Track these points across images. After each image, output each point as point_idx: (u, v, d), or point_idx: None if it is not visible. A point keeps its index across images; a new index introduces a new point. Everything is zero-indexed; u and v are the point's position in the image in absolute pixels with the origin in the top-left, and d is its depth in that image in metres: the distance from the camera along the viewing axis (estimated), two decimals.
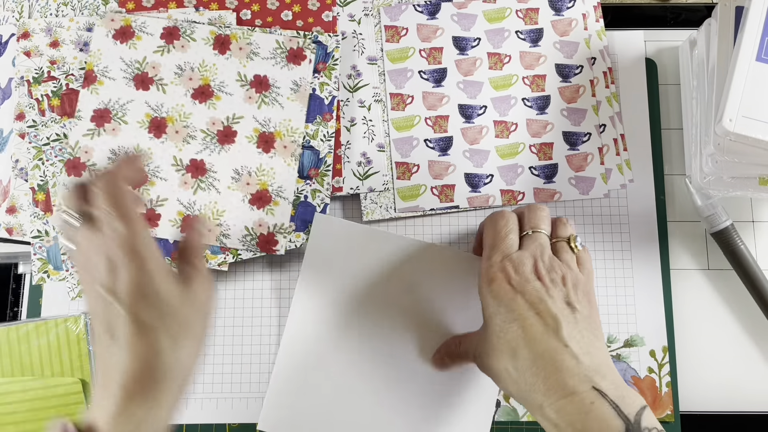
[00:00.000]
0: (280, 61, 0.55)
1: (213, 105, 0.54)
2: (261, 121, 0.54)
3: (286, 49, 0.55)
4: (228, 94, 0.54)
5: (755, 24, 0.46)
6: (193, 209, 0.52)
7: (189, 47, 0.54)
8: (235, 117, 0.54)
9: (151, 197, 0.52)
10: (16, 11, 0.57)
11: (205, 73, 0.54)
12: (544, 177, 0.55)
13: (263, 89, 0.54)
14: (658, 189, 0.56)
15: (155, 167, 0.53)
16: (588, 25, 0.58)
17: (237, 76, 0.55)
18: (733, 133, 0.44)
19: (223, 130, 0.54)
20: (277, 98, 0.54)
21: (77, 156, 0.52)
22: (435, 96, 0.57)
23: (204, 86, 0.54)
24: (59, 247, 0.52)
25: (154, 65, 0.54)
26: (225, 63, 0.55)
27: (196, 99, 0.54)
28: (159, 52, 0.54)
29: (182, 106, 0.54)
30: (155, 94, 0.54)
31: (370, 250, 0.45)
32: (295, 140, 0.54)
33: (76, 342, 0.52)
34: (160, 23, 0.55)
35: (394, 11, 0.58)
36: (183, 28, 0.54)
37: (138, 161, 0.39)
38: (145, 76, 0.54)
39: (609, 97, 0.57)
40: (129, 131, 0.53)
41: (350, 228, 0.45)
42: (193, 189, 0.53)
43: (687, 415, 0.52)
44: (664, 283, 0.54)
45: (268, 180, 0.53)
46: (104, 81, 0.54)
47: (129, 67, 0.54)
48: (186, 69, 0.54)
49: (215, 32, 0.55)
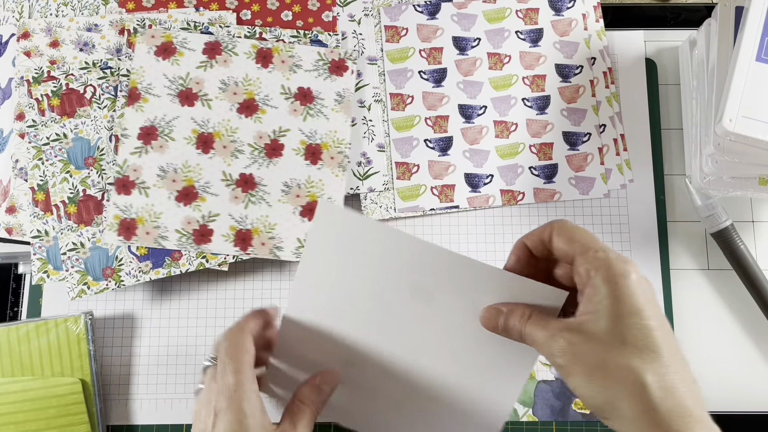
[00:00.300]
0: (323, 72, 0.55)
1: (259, 119, 0.54)
2: (307, 133, 0.54)
3: (328, 60, 0.55)
4: (273, 107, 0.54)
5: (755, 24, 0.46)
6: (245, 223, 0.52)
7: (231, 62, 0.54)
8: (281, 130, 0.54)
9: (203, 213, 0.52)
10: (16, 11, 0.57)
11: (249, 87, 0.54)
12: (544, 177, 0.56)
13: (307, 101, 0.54)
14: (658, 189, 0.56)
15: (205, 183, 0.53)
16: (588, 25, 0.58)
17: (281, 89, 0.55)
18: (733, 133, 0.44)
19: (270, 144, 0.54)
20: (322, 110, 0.54)
21: (126, 174, 0.52)
22: (435, 96, 0.57)
23: (249, 100, 0.54)
24: (59, 247, 0.52)
25: (197, 81, 0.54)
26: (268, 76, 0.55)
27: (241, 113, 0.54)
28: (202, 67, 0.54)
29: (228, 121, 0.54)
30: (201, 110, 0.54)
31: (380, 246, 0.41)
32: (342, 151, 0.54)
33: (76, 342, 0.52)
34: (201, 38, 0.55)
35: (394, 11, 0.58)
36: (225, 43, 0.54)
37: (267, 316, 0.41)
38: (190, 92, 0.54)
39: (609, 97, 0.57)
40: (176, 148, 0.53)
41: (361, 222, 0.39)
42: (244, 203, 0.53)
43: None
44: (664, 283, 0.54)
45: (318, 191, 0.53)
46: (149, 98, 0.54)
47: (173, 83, 0.54)
48: (230, 84, 0.54)
49: (257, 46, 0.55)
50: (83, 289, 0.51)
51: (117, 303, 0.54)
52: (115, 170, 0.52)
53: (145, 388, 0.53)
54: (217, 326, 0.54)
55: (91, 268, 0.52)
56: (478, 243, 0.55)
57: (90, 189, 0.53)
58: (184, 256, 0.52)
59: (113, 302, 0.54)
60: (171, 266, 0.52)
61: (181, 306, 0.54)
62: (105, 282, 0.51)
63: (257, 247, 0.52)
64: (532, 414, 0.52)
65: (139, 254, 0.52)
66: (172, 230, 0.52)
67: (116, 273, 0.52)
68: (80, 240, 0.52)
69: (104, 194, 0.53)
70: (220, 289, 0.54)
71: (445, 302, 0.39)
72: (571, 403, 0.52)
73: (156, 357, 0.53)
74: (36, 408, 0.50)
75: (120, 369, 0.53)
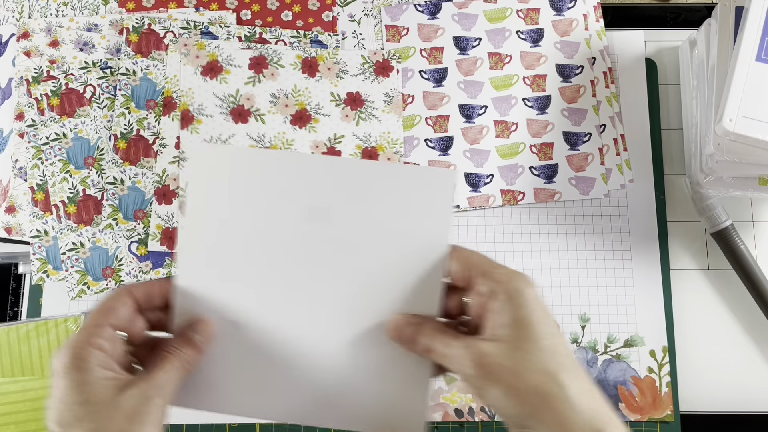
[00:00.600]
0: (369, 75, 0.55)
1: (313, 128, 0.54)
2: (361, 137, 0.54)
3: (372, 62, 0.56)
4: (325, 115, 0.54)
5: (755, 24, 0.46)
6: None
7: (279, 74, 0.55)
8: (336, 137, 0.54)
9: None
10: (16, 11, 0.57)
11: (299, 98, 0.55)
12: (545, 177, 0.56)
13: (358, 106, 0.55)
14: (658, 189, 0.56)
15: None
16: (588, 25, 0.58)
17: (330, 96, 0.55)
18: (733, 133, 0.44)
19: (327, 152, 0.54)
20: (373, 112, 0.55)
21: (167, 184, 0.53)
22: (435, 96, 0.57)
23: (301, 111, 0.54)
24: (59, 247, 0.52)
25: (248, 97, 0.54)
26: (316, 85, 0.55)
27: (295, 125, 0.54)
28: (250, 83, 0.55)
29: (283, 134, 0.54)
30: (255, 125, 0.54)
31: (263, 177, 0.34)
32: (398, 151, 0.54)
33: None
34: (245, 54, 0.55)
35: (394, 11, 0.58)
36: (269, 57, 0.54)
37: (137, 293, 0.35)
38: (242, 109, 0.54)
39: (609, 97, 0.57)
40: None
41: (238, 154, 0.36)
42: None
43: (687, 415, 0.52)
44: (664, 283, 0.54)
45: None
46: (202, 119, 0.54)
47: (224, 102, 0.54)
48: (280, 96, 0.55)
49: (301, 56, 0.55)
50: (83, 289, 0.51)
51: None
52: (154, 180, 0.52)
53: None
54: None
55: (91, 268, 0.51)
56: (478, 243, 0.55)
57: (90, 189, 0.53)
58: None
59: None
60: (171, 266, 0.52)
61: None
62: (105, 282, 0.51)
63: None
64: None
65: (139, 254, 0.52)
66: None
67: (116, 273, 0.51)
68: (80, 240, 0.52)
69: (104, 194, 0.53)
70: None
71: (344, 215, 0.37)
72: None
73: None
74: (36, 408, 0.50)
75: None
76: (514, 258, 0.55)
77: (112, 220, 0.52)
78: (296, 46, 0.56)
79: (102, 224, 0.52)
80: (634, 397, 0.52)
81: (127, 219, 0.52)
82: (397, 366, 0.37)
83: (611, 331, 0.53)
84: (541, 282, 0.54)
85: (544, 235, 0.55)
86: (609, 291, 0.54)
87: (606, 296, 0.54)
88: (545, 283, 0.54)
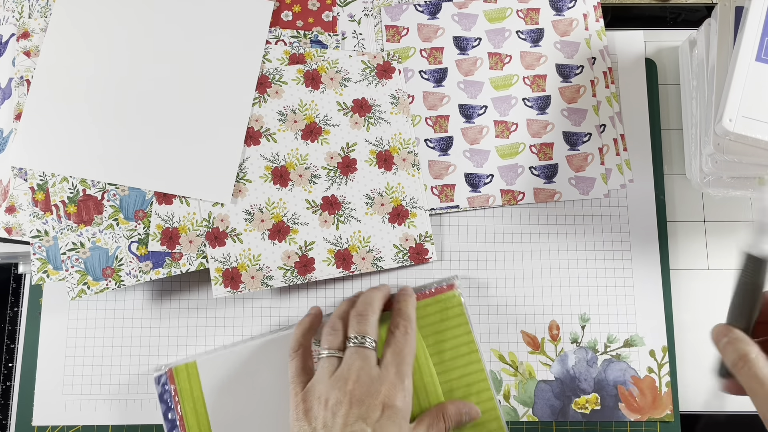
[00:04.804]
0: (372, 79, 0.55)
1: (325, 140, 0.54)
2: (374, 142, 0.54)
3: (373, 66, 0.56)
4: (335, 125, 0.54)
5: (755, 24, 0.46)
6: (341, 244, 0.53)
7: (283, 92, 0.55)
8: (349, 146, 0.54)
9: (299, 244, 0.53)
10: (16, 11, 0.57)
11: (306, 112, 0.54)
12: (545, 177, 0.56)
13: (366, 111, 0.55)
14: (658, 189, 0.56)
15: (293, 215, 0.53)
16: (588, 25, 0.58)
17: (337, 106, 0.55)
18: (733, 133, 0.44)
19: (342, 161, 0.54)
20: (382, 116, 0.55)
21: (215, 226, 0.52)
22: (435, 96, 0.57)
23: (310, 125, 0.54)
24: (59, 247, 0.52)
25: (256, 118, 0.54)
26: (321, 97, 0.55)
27: (306, 139, 0.54)
28: (256, 103, 0.54)
29: (297, 150, 0.54)
30: (267, 145, 0.54)
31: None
32: (411, 150, 0.55)
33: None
34: None
35: (394, 11, 0.58)
36: (271, 75, 0.54)
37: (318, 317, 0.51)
38: (252, 131, 0.54)
39: (609, 97, 0.57)
40: (255, 188, 0.53)
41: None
42: (334, 225, 0.53)
43: (687, 415, 0.52)
44: (664, 283, 0.54)
45: (399, 195, 0.54)
46: None
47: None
48: (287, 113, 0.54)
49: (302, 70, 0.55)
50: (83, 289, 0.51)
51: (117, 303, 0.54)
52: (204, 225, 0.52)
53: (146, 388, 0.53)
54: (216, 325, 0.54)
55: (91, 268, 0.52)
56: (478, 243, 0.55)
57: (90, 189, 0.53)
58: (184, 256, 0.52)
59: (113, 302, 0.54)
60: (171, 266, 0.52)
61: (181, 306, 0.54)
62: (105, 282, 0.51)
63: (359, 263, 0.53)
64: (532, 414, 0.52)
65: (139, 254, 0.52)
66: (275, 268, 0.52)
67: (116, 273, 0.52)
68: (80, 240, 0.52)
69: (104, 194, 0.53)
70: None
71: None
72: (570, 403, 0.52)
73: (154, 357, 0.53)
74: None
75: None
76: (514, 258, 0.55)
77: (113, 220, 0.52)
78: (295, 46, 0.56)
79: (103, 224, 0.52)
80: (633, 397, 0.52)
81: (127, 219, 0.52)
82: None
83: (611, 331, 0.53)
84: (541, 282, 0.54)
85: (544, 235, 0.55)
86: (609, 291, 0.54)
87: (606, 296, 0.54)
88: (545, 283, 0.54)
